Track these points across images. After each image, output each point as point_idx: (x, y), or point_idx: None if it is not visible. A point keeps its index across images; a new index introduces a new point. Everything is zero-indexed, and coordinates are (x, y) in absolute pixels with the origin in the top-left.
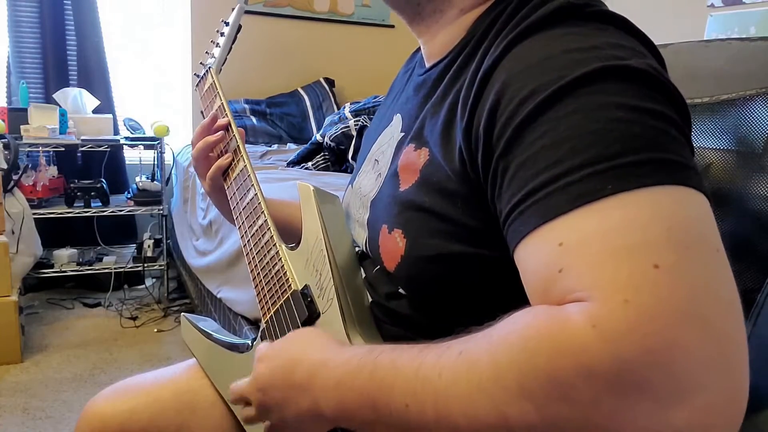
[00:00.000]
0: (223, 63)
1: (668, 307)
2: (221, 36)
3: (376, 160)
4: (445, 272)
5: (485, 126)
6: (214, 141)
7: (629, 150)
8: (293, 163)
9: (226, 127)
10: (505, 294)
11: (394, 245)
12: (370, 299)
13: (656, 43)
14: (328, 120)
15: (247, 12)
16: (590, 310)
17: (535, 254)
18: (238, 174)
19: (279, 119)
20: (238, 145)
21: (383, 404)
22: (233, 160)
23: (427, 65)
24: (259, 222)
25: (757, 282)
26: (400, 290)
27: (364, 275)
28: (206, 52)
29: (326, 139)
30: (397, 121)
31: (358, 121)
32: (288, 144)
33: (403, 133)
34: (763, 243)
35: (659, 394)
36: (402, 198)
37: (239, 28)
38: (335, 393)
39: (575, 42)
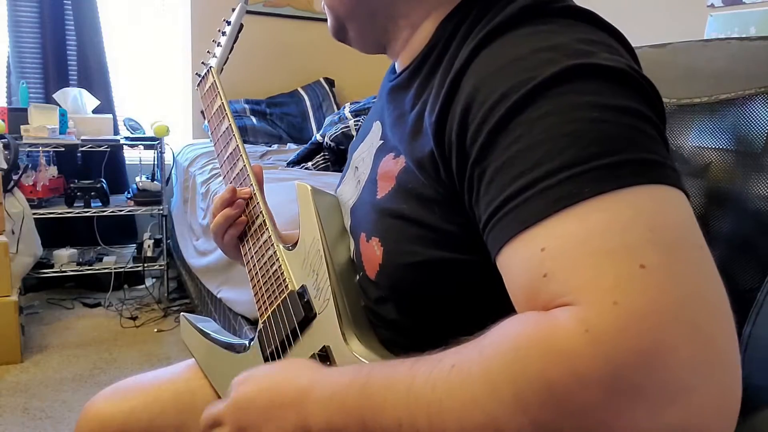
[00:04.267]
0: (225, 62)
1: (657, 307)
2: (223, 35)
3: (356, 167)
4: (425, 278)
5: (457, 131)
6: (233, 215)
7: (606, 151)
8: (293, 163)
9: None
10: (489, 296)
11: (372, 253)
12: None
13: (656, 42)
14: (328, 120)
15: (248, 12)
16: (580, 314)
17: (518, 261)
18: (237, 174)
19: (279, 119)
20: (238, 145)
21: (375, 422)
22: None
23: (397, 71)
24: (258, 222)
25: (757, 281)
26: (384, 296)
27: (357, 278)
28: (208, 52)
29: (326, 139)
30: (377, 127)
31: (358, 121)
32: (288, 144)
33: (382, 141)
34: (762, 242)
35: (652, 395)
36: (379, 205)
37: (241, 27)
38: (325, 411)
39: (544, 40)
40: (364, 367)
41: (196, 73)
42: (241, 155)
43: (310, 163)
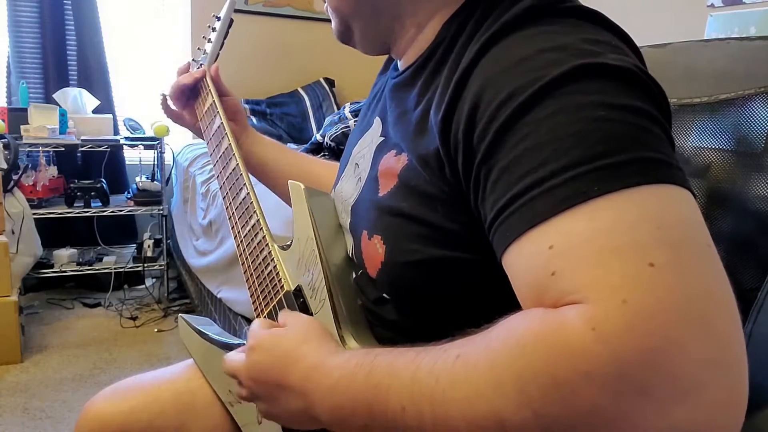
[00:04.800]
0: (216, 59)
1: (666, 305)
2: (213, 31)
3: (356, 163)
4: (426, 277)
5: (464, 130)
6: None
7: (612, 150)
8: None
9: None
10: (490, 296)
11: (374, 251)
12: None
13: (656, 43)
14: (328, 120)
15: (248, 12)
16: (588, 312)
17: (525, 259)
18: (230, 173)
19: (279, 119)
20: (231, 144)
21: (379, 408)
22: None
23: (400, 69)
24: (252, 222)
25: (757, 281)
26: (385, 295)
27: (354, 277)
28: (198, 48)
29: (326, 139)
30: (377, 124)
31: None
32: (288, 144)
33: (382, 138)
34: (763, 242)
35: (660, 394)
36: (381, 203)
37: (231, 22)
38: (330, 397)
39: (550, 40)
40: (370, 352)
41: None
42: (234, 154)
43: None
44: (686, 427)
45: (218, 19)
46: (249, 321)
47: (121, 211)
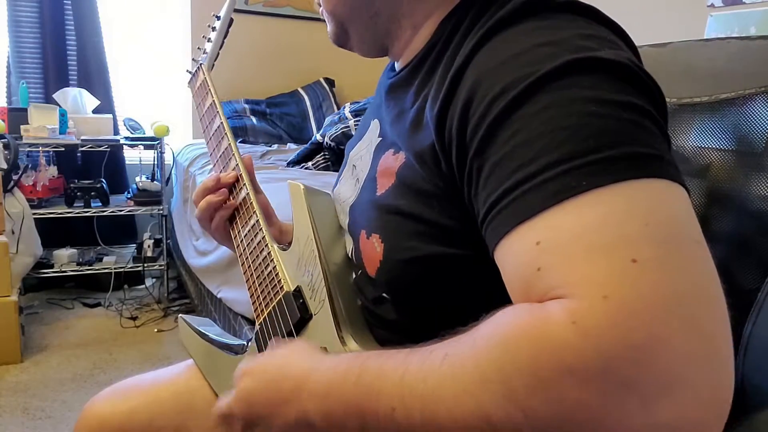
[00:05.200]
0: (216, 58)
1: (649, 301)
2: (213, 31)
3: (353, 165)
4: (424, 274)
5: (458, 125)
6: (217, 202)
7: (603, 145)
8: (293, 163)
9: (231, 184)
10: (489, 293)
11: (372, 250)
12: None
13: (656, 42)
14: (328, 120)
15: (248, 12)
16: (570, 306)
17: (514, 254)
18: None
19: (279, 119)
20: (230, 144)
21: (370, 411)
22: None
23: (397, 69)
24: (251, 222)
25: (757, 281)
26: (384, 295)
27: (353, 278)
28: (198, 48)
29: (326, 139)
30: (375, 125)
31: (358, 121)
32: (288, 144)
33: (380, 138)
34: (763, 242)
35: (644, 390)
36: (379, 202)
37: (231, 22)
38: (323, 402)
39: (545, 35)
40: (359, 356)
41: (187, 70)
42: (233, 154)
43: (310, 163)
44: (671, 423)
45: (218, 18)
46: (249, 321)
47: (121, 211)
